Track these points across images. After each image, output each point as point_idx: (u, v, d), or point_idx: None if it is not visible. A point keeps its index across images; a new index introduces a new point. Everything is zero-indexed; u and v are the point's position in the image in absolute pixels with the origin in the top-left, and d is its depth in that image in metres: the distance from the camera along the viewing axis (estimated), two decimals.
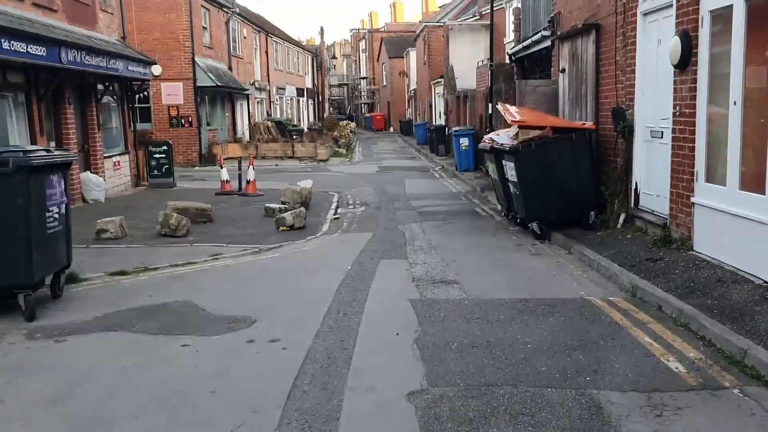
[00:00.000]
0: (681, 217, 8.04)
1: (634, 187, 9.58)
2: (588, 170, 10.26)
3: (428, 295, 7.32)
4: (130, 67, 17.04)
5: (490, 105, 19.30)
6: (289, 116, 43.13)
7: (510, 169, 10.64)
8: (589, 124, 10.48)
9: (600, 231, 9.85)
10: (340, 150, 32.50)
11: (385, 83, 64.83)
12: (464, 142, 21.61)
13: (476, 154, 21.64)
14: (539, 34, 13.80)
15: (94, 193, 15.44)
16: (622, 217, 9.62)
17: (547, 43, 13.59)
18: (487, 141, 11.84)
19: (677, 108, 7.98)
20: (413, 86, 49.65)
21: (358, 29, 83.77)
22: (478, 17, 31.76)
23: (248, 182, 17.11)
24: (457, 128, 22.29)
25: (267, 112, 38.42)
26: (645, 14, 9.12)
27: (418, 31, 43.98)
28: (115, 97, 18.23)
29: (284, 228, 11.87)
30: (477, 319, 6.31)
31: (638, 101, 9.38)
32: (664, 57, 8.41)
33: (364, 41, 77.15)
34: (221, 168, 17.62)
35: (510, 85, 18.35)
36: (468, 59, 30.17)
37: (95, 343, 5.93)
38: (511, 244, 10.23)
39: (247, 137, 32.45)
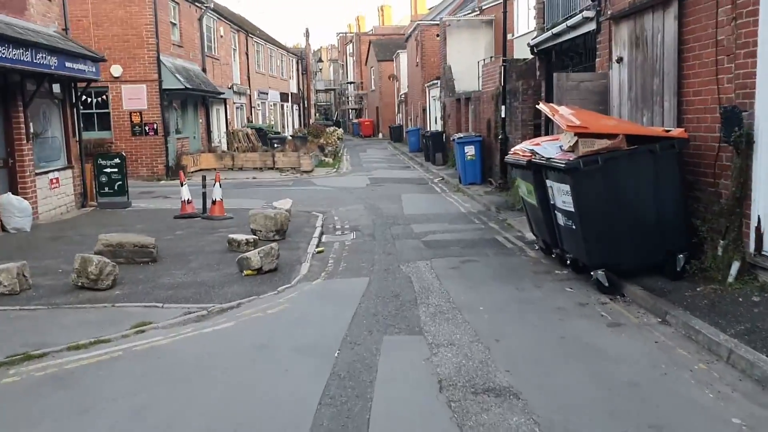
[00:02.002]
0: None
1: (755, 223, 6.57)
2: (676, 196, 7.26)
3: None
4: (69, 64, 13.89)
5: (503, 107, 16.31)
6: (272, 122, 39.97)
7: (561, 194, 7.62)
8: (678, 130, 7.46)
9: (700, 285, 6.83)
10: (327, 159, 29.42)
11: (373, 88, 61.82)
12: (470, 151, 18.59)
13: (483, 164, 18.68)
14: (579, 15, 10.81)
15: (17, 220, 12.26)
16: (736, 266, 6.60)
17: (590, 26, 10.61)
18: (520, 153, 8.83)
19: None
20: (404, 90, 46.68)
21: (345, 33, 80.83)
22: (478, 12, 28.88)
23: (214, 203, 14.01)
24: (461, 135, 19.29)
25: (247, 119, 35.25)
26: None
27: (409, 31, 41.01)
28: (56, 100, 15.08)
29: (249, 272, 8.80)
30: None
31: (762, 98, 6.38)
32: None
33: (351, 45, 74.17)
34: (182, 185, 14.49)
35: (528, 83, 15.38)
36: (467, 58, 27.34)
37: None
38: (569, 302, 7.18)
39: (224, 146, 29.31)
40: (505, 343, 5.88)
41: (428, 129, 31.94)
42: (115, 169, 16.06)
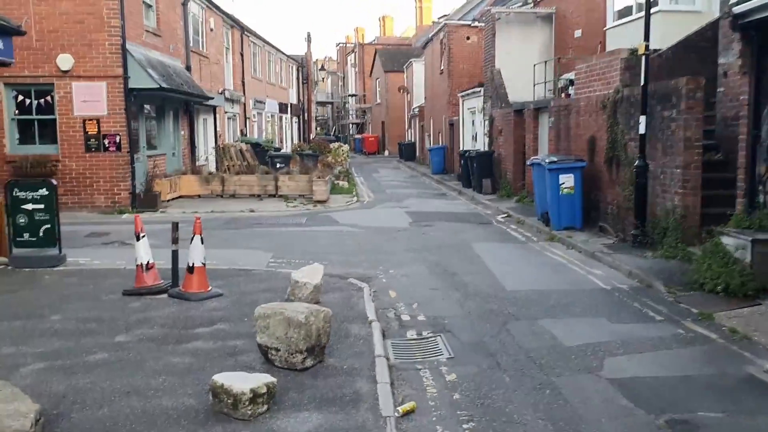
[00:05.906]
0: None
1: None
2: None
3: None
4: None
5: (642, 119, 10.58)
6: (271, 137, 34.14)
7: None
8: None
9: None
10: (340, 183, 23.65)
11: (378, 101, 56.25)
12: (567, 181, 12.85)
13: (584, 201, 12.95)
14: None
15: None
16: None
17: None
18: None
19: None
20: (417, 103, 41.05)
21: (345, 43, 75.55)
22: (532, 4, 23.31)
23: (191, 269, 8.18)
24: (553, 158, 13.46)
25: (241, 131, 29.43)
26: None
27: (431, 33, 35.36)
28: None
29: None
30: None
31: None
32: None
33: (353, 55, 68.66)
34: (138, 238, 8.61)
35: (697, 82, 9.68)
36: (515, 62, 21.79)
37: None
38: None
39: (212, 165, 23.47)
40: None
41: (464, 148, 26.22)
42: (41, 205, 10.18)
